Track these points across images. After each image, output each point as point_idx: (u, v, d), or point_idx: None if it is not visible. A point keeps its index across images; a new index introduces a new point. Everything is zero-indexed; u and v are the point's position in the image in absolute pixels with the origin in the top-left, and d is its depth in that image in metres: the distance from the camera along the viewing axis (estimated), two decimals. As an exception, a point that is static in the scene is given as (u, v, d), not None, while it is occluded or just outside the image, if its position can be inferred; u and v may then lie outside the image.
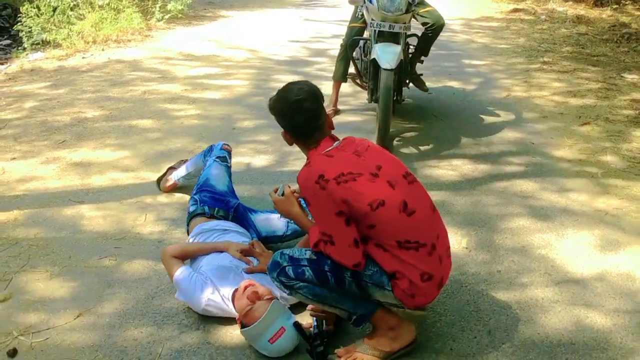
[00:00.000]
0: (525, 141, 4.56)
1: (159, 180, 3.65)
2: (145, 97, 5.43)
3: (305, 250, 2.19)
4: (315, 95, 2.23)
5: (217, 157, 3.21)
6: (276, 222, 3.02)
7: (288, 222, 3.00)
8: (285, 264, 2.17)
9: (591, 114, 5.11)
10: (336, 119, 4.97)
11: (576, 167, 4.12)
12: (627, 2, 10.51)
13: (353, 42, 4.54)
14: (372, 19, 4.07)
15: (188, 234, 2.92)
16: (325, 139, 2.22)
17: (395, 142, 4.48)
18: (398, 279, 2.10)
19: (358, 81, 4.92)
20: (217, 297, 2.44)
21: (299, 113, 2.18)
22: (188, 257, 2.67)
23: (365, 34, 4.56)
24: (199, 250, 2.68)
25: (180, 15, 9.07)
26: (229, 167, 3.24)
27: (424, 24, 4.52)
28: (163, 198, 3.58)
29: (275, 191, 2.39)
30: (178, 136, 4.50)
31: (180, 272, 2.52)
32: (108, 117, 4.91)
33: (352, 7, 4.57)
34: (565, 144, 4.51)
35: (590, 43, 7.88)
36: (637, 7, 10.13)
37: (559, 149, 4.42)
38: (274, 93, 2.34)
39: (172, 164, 3.68)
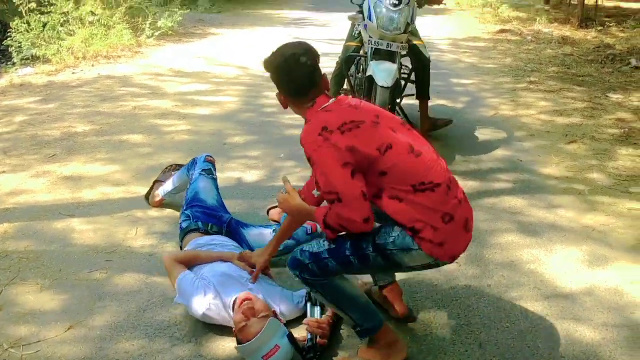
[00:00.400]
0: (513, 159, 4.62)
1: (147, 195, 3.64)
2: (135, 112, 5.45)
3: (323, 242, 2.18)
4: (312, 51, 2.22)
5: (203, 170, 3.22)
6: (269, 238, 3.02)
7: None
8: (307, 261, 2.16)
9: (577, 133, 5.19)
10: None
11: (563, 184, 4.17)
12: (611, 25, 10.71)
13: (349, 58, 4.59)
14: (370, 37, 4.13)
15: (182, 250, 2.92)
16: (321, 97, 2.20)
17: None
18: (421, 230, 2.04)
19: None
20: (219, 303, 2.45)
21: (296, 68, 2.16)
22: (192, 263, 2.68)
23: (361, 52, 4.62)
24: (204, 257, 2.70)
25: (170, 32, 9.12)
26: (215, 180, 3.25)
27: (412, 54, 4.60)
28: (154, 212, 3.58)
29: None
30: (169, 152, 4.51)
31: (184, 275, 2.54)
32: (99, 132, 4.92)
33: (345, 26, 4.62)
34: (553, 161, 4.57)
35: (575, 64, 8.01)
36: (621, 29, 10.32)
37: (546, 166, 4.48)
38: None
39: (157, 178, 3.69)
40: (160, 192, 3.55)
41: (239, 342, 2.27)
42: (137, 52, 8.12)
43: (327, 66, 5.89)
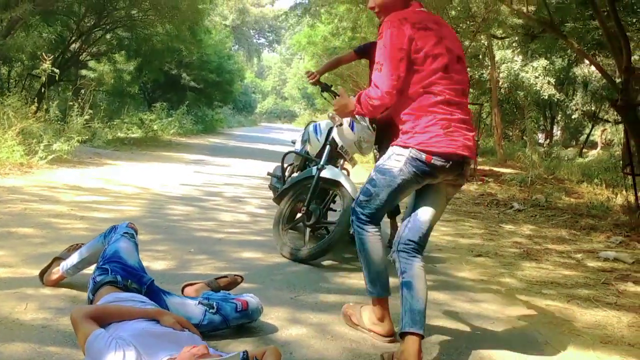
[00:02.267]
0: (428, 264, 4.57)
1: (43, 272, 3.17)
2: (26, 212, 4.94)
3: None
4: None
5: (125, 233, 2.89)
6: (192, 308, 2.66)
7: (206, 311, 2.66)
8: (356, 204, 2.84)
9: (481, 250, 5.35)
10: (237, 238, 4.79)
11: (480, 285, 4.18)
12: (489, 181, 11.70)
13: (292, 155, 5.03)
14: (338, 142, 4.52)
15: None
16: (414, 4, 2.77)
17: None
18: (404, 123, 2.70)
19: (275, 184, 5.20)
20: None
21: None
22: (108, 320, 2.20)
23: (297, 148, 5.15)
24: (124, 313, 2.25)
25: (65, 156, 8.75)
26: (137, 245, 2.92)
27: None
28: (47, 290, 3.09)
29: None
30: (64, 243, 4.01)
31: (97, 334, 2.05)
32: (-19, 225, 4.37)
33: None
34: (465, 268, 4.61)
35: (465, 204, 8.52)
36: (498, 183, 11.29)
37: (460, 271, 4.50)
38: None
39: (58, 254, 3.25)
40: (61, 267, 3.09)
41: None
42: (27, 171, 7.61)
43: (230, 192, 5.82)
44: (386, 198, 2.70)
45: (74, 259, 3.07)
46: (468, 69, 16.34)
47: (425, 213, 2.77)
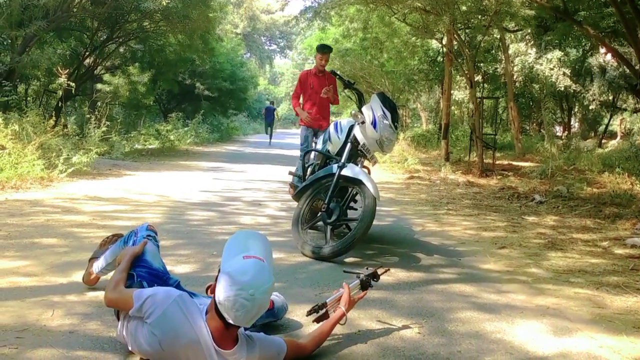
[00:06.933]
0: (452, 258, 4.57)
1: (85, 276, 3.25)
2: (48, 223, 4.99)
3: None
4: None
5: (148, 236, 2.89)
6: None
7: None
8: None
9: (505, 242, 5.27)
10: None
11: (506, 276, 4.12)
12: (509, 175, 11.57)
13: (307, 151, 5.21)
14: (360, 139, 4.52)
15: (118, 318, 2.48)
16: None
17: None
18: None
19: (296, 182, 5.29)
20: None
21: None
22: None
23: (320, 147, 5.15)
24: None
25: (85, 168, 8.83)
26: (159, 247, 2.91)
27: None
28: (73, 297, 3.11)
29: None
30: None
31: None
32: (6, 236, 4.40)
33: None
34: (490, 260, 4.55)
35: (485, 198, 8.43)
36: (518, 176, 11.16)
37: (485, 264, 4.45)
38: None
39: (92, 255, 3.28)
40: (95, 268, 3.16)
41: None
42: (48, 185, 7.69)
43: (248, 196, 5.81)
44: None
45: (101, 262, 3.11)
46: (482, 64, 16.46)
47: None
